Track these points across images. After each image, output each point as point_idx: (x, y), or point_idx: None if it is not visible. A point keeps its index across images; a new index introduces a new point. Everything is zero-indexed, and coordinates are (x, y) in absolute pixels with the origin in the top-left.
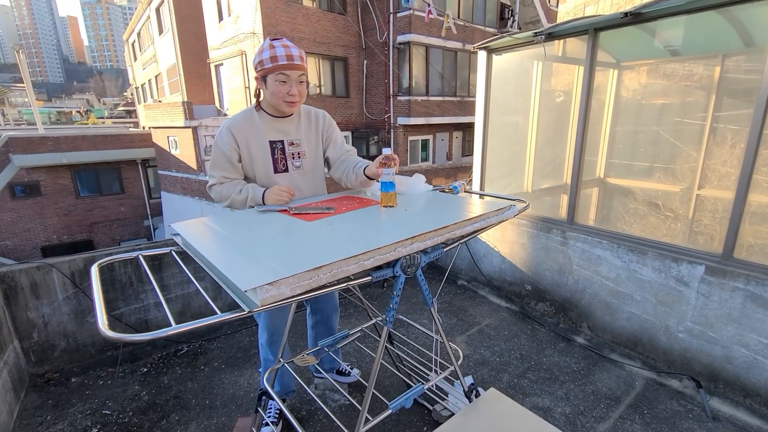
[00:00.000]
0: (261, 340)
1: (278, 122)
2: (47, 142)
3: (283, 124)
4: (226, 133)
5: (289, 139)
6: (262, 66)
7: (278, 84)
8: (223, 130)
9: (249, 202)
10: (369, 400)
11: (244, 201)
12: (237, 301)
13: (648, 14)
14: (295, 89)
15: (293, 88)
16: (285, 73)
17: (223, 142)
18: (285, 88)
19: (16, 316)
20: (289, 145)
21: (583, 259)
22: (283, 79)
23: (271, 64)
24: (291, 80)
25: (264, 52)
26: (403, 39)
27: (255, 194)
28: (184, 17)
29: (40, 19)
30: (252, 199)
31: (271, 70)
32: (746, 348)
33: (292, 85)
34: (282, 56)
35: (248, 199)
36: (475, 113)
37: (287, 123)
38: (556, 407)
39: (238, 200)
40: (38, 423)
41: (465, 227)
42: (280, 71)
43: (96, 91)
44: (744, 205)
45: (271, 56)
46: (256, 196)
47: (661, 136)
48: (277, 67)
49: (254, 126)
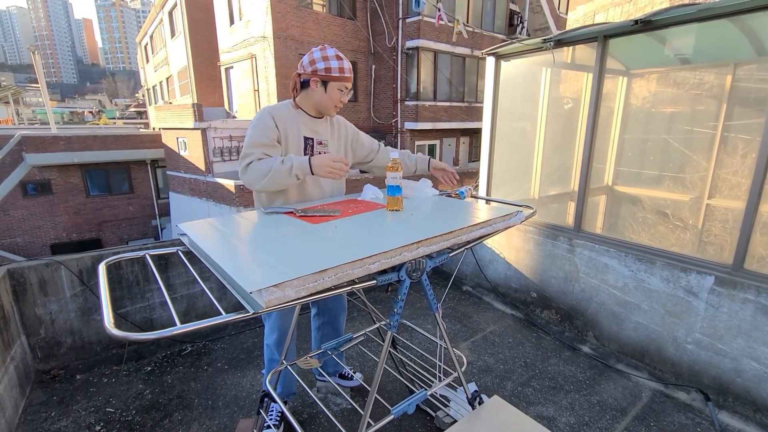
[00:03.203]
0: (268, 341)
1: (312, 122)
2: (59, 142)
3: (317, 125)
4: (267, 116)
5: (318, 138)
6: (329, 73)
7: (338, 92)
8: (263, 113)
9: (295, 170)
10: (371, 404)
11: (288, 171)
12: (242, 303)
13: (658, 22)
14: (345, 98)
15: (344, 97)
16: (346, 84)
17: (265, 124)
18: (341, 96)
19: (24, 312)
20: (317, 144)
21: (589, 267)
22: (343, 89)
23: (338, 74)
24: (347, 91)
25: (332, 61)
26: (412, 44)
27: (301, 162)
28: (196, 21)
29: (55, 20)
30: (297, 167)
31: (338, 79)
32: (757, 361)
33: (345, 94)
34: (347, 69)
35: (293, 168)
36: (482, 119)
37: (320, 124)
38: (561, 417)
39: (281, 170)
40: (43, 419)
41: (471, 233)
42: (344, 82)
43: (108, 92)
44: (755, 215)
45: (339, 67)
46: (302, 164)
47: (670, 145)
48: (343, 78)
49: (293, 119)
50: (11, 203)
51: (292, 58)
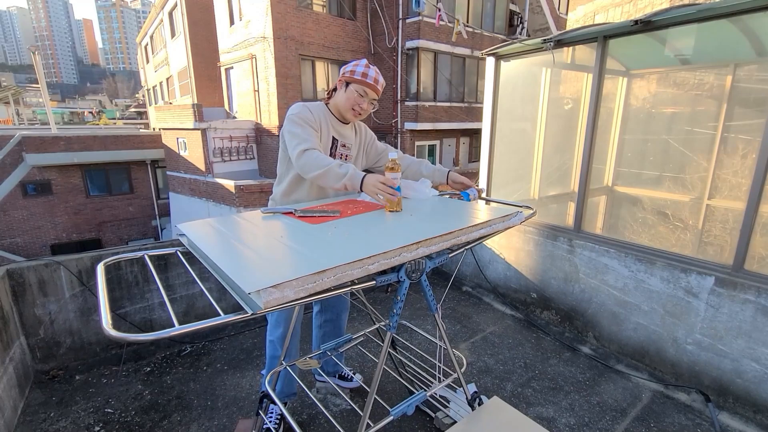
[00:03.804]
0: (272, 337)
1: (338, 125)
2: (59, 142)
3: (342, 128)
4: (306, 110)
5: (343, 141)
6: (353, 75)
7: (356, 94)
8: (301, 108)
9: (346, 180)
10: (371, 405)
11: (341, 176)
12: (240, 303)
13: (659, 22)
14: (365, 105)
15: (364, 104)
16: (366, 90)
17: (307, 117)
18: (359, 100)
19: (23, 312)
20: (341, 146)
21: (589, 268)
22: (362, 93)
23: (360, 77)
24: (367, 97)
25: (359, 67)
26: (412, 45)
27: (355, 174)
28: (196, 21)
29: (56, 21)
30: (350, 179)
31: (358, 82)
32: (757, 362)
33: (365, 101)
34: (371, 77)
35: (346, 177)
36: (482, 119)
37: (345, 128)
38: (561, 418)
39: (336, 173)
40: (42, 419)
41: (471, 233)
42: (363, 85)
43: (108, 92)
44: (756, 216)
45: (363, 72)
46: (355, 176)
47: (670, 145)
48: (363, 82)
49: (325, 118)
50: (11, 203)
51: (291, 59)
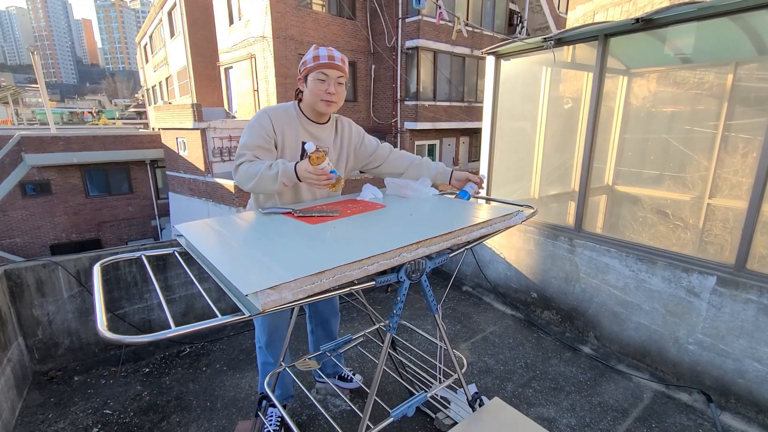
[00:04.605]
0: (260, 343)
1: (313, 127)
2: (59, 142)
3: (318, 130)
4: (265, 117)
5: (319, 144)
6: (305, 66)
7: (317, 82)
8: (262, 114)
9: (280, 177)
10: (371, 406)
11: (274, 177)
12: (238, 305)
13: (659, 21)
14: (332, 88)
15: (331, 87)
16: (324, 71)
17: (261, 126)
18: (323, 86)
19: (21, 313)
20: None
21: (590, 267)
22: (322, 78)
23: (312, 63)
24: (330, 79)
25: (308, 54)
26: (412, 44)
27: (286, 169)
28: (195, 21)
29: (55, 21)
30: (284, 175)
31: (312, 69)
32: (759, 362)
33: (331, 83)
34: (323, 56)
35: (279, 174)
36: (482, 119)
37: (321, 130)
38: (562, 418)
39: (267, 175)
40: (40, 421)
41: (471, 233)
42: (319, 69)
43: (108, 92)
44: (758, 215)
45: (313, 56)
46: (288, 171)
47: (671, 144)
48: (317, 66)
49: (292, 122)
50: (10, 204)
51: (291, 58)
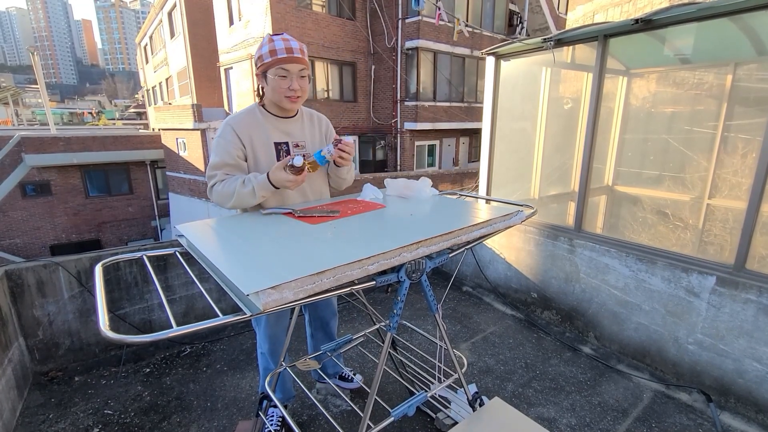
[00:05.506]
0: (262, 349)
1: (282, 123)
2: (59, 143)
3: (288, 125)
4: (229, 131)
5: (294, 140)
6: (262, 61)
7: (278, 79)
8: (225, 128)
9: (258, 192)
10: (371, 406)
11: (251, 193)
12: (239, 305)
13: (659, 21)
14: (296, 84)
15: (294, 83)
16: (284, 67)
17: (227, 141)
18: (285, 83)
19: (22, 313)
20: (294, 147)
21: (590, 268)
22: (283, 74)
23: (270, 58)
24: (291, 74)
25: (263, 47)
26: (412, 44)
27: (261, 183)
28: (195, 21)
29: (55, 21)
30: (260, 188)
31: (271, 65)
32: (759, 362)
33: (293, 79)
34: (281, 50)
35: (256, 189)
36: (482, 119)
37: (291, 124)
38: (562, 418)
39: (243, 193)
40: (40, 421)
41: (471, 233)
42: (279, 65)
43: (108, 92)
44: (757, 215)
45: (270, 50)
46: (262, 184)
47: (670, 145)
48: (276, 61)
49: (259, 126)
50: (10, 204)
51: None
